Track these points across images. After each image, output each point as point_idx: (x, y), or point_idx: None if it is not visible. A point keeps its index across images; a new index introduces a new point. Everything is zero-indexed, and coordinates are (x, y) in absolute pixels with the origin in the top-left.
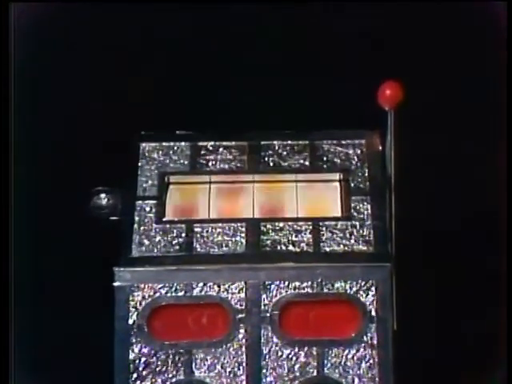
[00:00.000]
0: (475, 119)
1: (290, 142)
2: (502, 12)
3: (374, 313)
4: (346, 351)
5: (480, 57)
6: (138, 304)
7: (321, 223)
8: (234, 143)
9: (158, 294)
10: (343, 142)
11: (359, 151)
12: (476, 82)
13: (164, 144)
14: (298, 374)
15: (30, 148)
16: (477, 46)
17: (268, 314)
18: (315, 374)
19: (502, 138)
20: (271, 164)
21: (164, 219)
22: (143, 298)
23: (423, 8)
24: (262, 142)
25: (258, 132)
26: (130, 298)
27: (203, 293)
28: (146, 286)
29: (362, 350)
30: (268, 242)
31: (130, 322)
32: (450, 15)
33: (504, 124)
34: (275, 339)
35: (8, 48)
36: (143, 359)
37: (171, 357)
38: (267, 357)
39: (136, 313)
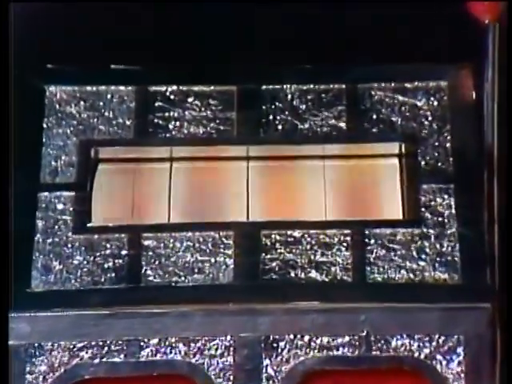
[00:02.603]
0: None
1: (312, 85)
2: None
3: None
4: None
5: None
6: (41, 379)
7: (367, 231)
8: (213, 88)
9: (77, 361)
10: (408, 86)
11: (436, 103)
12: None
13: (89, 89)
14: None
15: None
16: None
17: None
18: None
19: None
20: (280, 127)
21: (89, 225)
22: (51, 367)
23: (423, 8)
24: (264, 87)
25: (255, 69)
26: (28, 369)
27: (158, 356)
28: (58, 346)
29: None
30: (274, 264)
31: None
32: (449, 14)
33: (504, 128)
34: None
35: (8, 47)
36: None
37: None
38: None
39: None
